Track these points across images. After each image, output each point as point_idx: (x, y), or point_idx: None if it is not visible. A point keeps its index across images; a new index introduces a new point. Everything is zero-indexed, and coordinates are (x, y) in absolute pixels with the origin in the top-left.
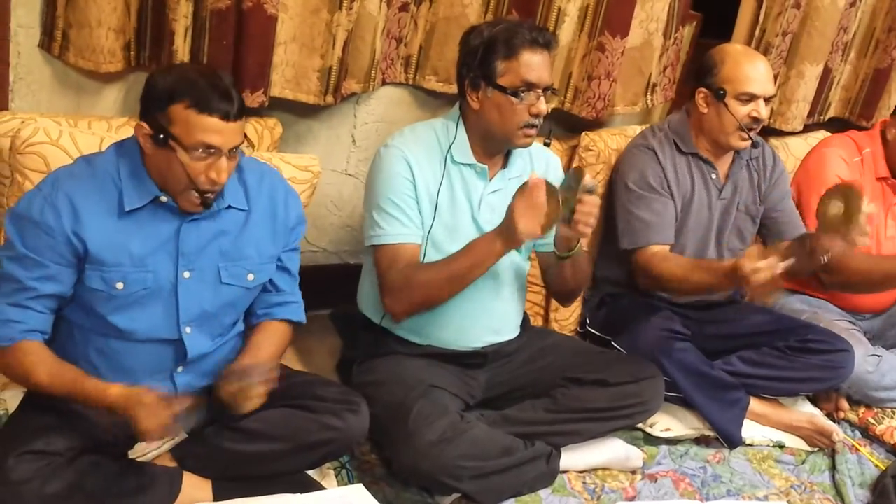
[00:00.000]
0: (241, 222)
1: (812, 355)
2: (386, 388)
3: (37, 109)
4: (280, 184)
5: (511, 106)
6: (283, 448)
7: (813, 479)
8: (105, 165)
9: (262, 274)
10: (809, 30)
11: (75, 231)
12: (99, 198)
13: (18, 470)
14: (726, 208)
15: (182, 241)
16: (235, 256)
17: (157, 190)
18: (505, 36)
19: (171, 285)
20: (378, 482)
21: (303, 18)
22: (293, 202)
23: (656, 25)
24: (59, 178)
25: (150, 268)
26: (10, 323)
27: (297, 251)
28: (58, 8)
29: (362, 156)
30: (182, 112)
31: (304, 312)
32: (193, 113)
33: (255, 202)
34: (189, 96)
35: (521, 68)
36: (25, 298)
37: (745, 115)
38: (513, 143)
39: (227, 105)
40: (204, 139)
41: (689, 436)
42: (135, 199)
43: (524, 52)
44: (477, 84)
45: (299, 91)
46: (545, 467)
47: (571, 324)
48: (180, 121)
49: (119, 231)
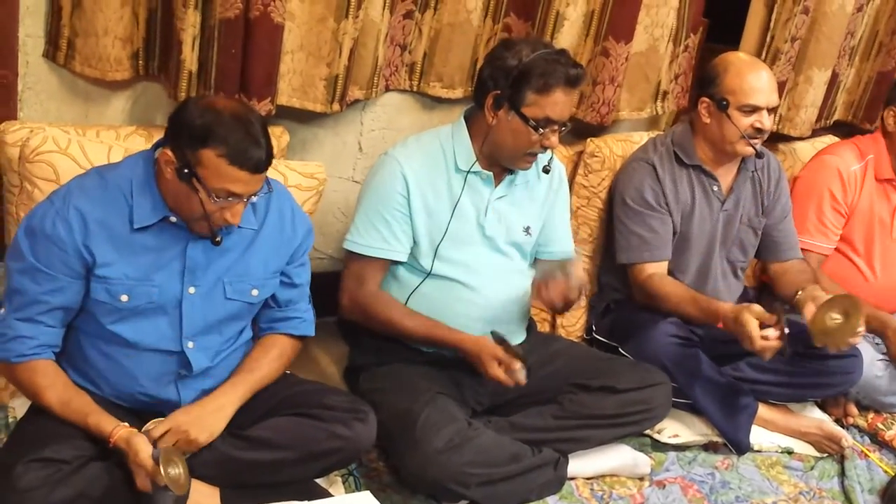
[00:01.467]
0: (248, 240)
1: (820, 361)
2: (393, 396)
3: (45, 119)
4: (287, 199)
5: (527, 135)
6: (291, 456)
7: (822, 485)
8: (118, 180)
9: (265, 289)
10: (817, 35)
11: (86, 244)
12: (109, 212)
13: (26, 477)
14: (729, 220)
15: (189, 259)
16: (241, 273)
17: (168, 211)
18: (543, 69)
19: (176, 300)
20: (385, 489)
21: (309, 27)
22: (300, 219)
23: (662, 31)
24: (70, 191)
25: (157, 283)
26: (22, 339)
27: (304, 265)
28: (63, 17)
29: (368, 163)
30: (214, 159)
31: (312, 325)
32: (225, 163)
33: (262, 219)
34: (224, 146)
35: (548, 105)
36: (36, 312)
37: (747, 125)
38: (513, 164)
39: (258, 160)
40: (230, 189)
41: (697, 442)
42: (145, 217)
43: (557, 91)
44: (500, 104)
45: (306, 99)
46: (553, 474)
47: (578, 330)
48: (210, 166)
49: (127, 246)
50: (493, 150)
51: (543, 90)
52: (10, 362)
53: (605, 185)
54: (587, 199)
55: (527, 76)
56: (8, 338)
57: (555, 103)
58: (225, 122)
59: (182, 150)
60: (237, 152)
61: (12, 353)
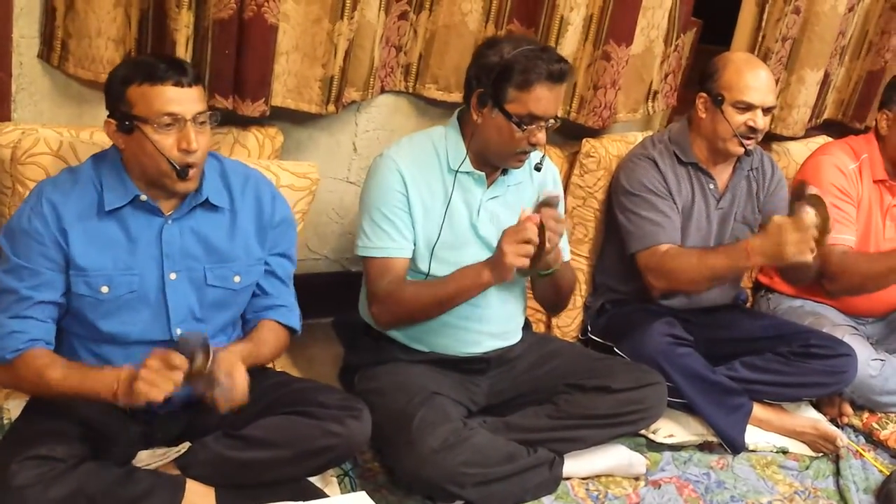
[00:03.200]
0: (227, 224)
1: (815, 360)
2: (388, 396)
3: (39, 120)
4: (266, 185)
5: (511, 132)
6: (286, 455)
7: (817, 484)
8: (87, 171)
9: (248, 276)
10: (810, 35)
11: (62, 235)
12: (80, 201)
13: (21, 475)
14: (724, 218)
15: (165, 242)
16: (222, 259)
17: (137, 190)
18: (523, 65)
19: (158, 288)
20: (381, 489)
21: (304, 28)
22: (279, 203)
23: (657, 33)
24: (42, 188)
25: (136, 270)
26: (14, 334)
27: (288, 259)
28: (56, 18)
29: (363, 164)
30: (137, 91)
31: (298, 319)
32: (147, 87)
33: (240, 203)
34: (139, 74)
35: (530, 101)
36: (24, 308)
37: (740, 123)
38: (505, 164)
39: (178, 72)
40: (163, 108)
41: (692, 442)
42: (115, 198)
43: (538, 87)
44: (484, 101)
45: (301, 100)
46: (548, 474)
47: (573, 330)
48: (138, 99)
49: (101, 233)
50: (481, 149)
51: (524, 86)
52: (6, 360)
53: (600, 185)
54: (583, 199)
55: (508, 73)
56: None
57: (537, 99)
58: (136, 60)
59: (115, 107)
60: (153, 72)
61: (6, 350)
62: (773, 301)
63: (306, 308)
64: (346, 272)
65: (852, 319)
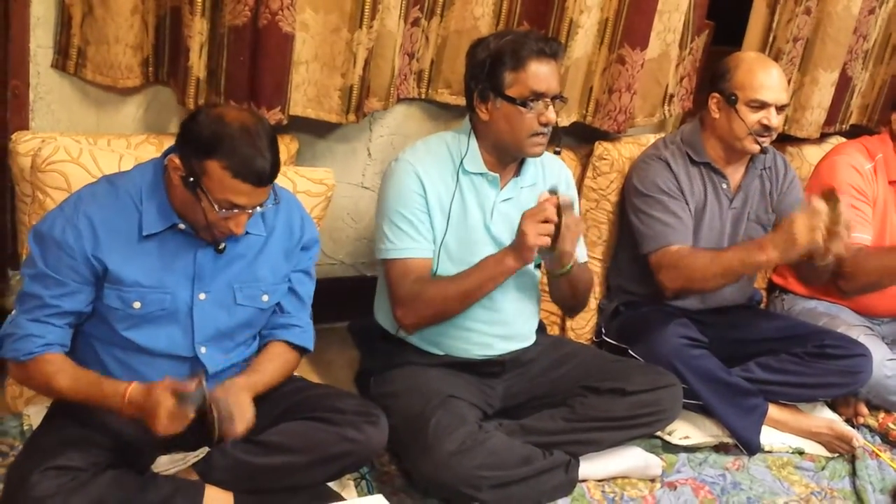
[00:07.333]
0: (258, 246)
1: (830, 360)
2: (404, 399)
3: (56, 128)
4: (296, 207)
5: (520, 116)
6: (303, 460)
7: (833, 485)
8: (128, 187)
9: (276, 294)
10: (822, 36)
11: (94, 253)
12: (119, 220)
13: (42, 486)
14: (737, 218)
15: (199, 266)
16: (251, 278)
17: (176, 217)
18: (512, 47)
19: (188, 307)
20: (398, 493)
21: (323, 37)
22: (308, 225)
23: (673, 36)
24: (81, 198)
25: (169, 289)
26: (31, 337)
27: (308, 276)
28: (73, 27)
29: (378, 169)
30: (217, 170)
31: (311, 339)
32: (228, 175)
33: (271, 226)
34: (228, 158)
35: (528, 79)
36: (45, 315)
37: (755, 121)
38: (524, 151)
39: (261, 173)
40: (233, 200)
41: (707, 443)
42: (154, 224)
43: (531, 63)
44: (486, 95)
45: (321, 110)
46: (564, 476)
47: (587, 333)
48: (215, 177)
49: (137, 253)
50: (497, 145)
51: (518, 65)
52: (20, 360)
53: (613, 187)
54: (596, 201)
55: (499, 59)
56: (17, 337)
57: (535, 75)
58: (231, 133)
59: (189, 159)
60: (241, 165)
61: (21, 352)
62: (788, 302)
63: (322, 312)
64: (362, 277)
65: (867, 320)
